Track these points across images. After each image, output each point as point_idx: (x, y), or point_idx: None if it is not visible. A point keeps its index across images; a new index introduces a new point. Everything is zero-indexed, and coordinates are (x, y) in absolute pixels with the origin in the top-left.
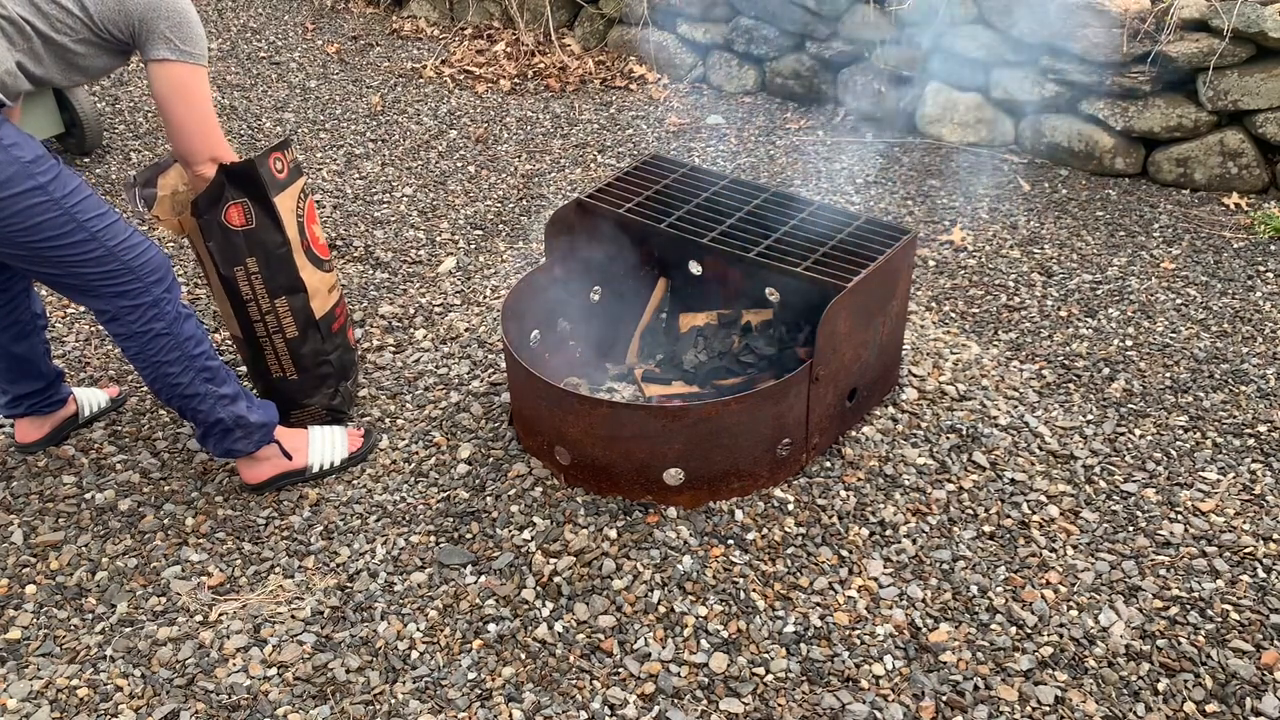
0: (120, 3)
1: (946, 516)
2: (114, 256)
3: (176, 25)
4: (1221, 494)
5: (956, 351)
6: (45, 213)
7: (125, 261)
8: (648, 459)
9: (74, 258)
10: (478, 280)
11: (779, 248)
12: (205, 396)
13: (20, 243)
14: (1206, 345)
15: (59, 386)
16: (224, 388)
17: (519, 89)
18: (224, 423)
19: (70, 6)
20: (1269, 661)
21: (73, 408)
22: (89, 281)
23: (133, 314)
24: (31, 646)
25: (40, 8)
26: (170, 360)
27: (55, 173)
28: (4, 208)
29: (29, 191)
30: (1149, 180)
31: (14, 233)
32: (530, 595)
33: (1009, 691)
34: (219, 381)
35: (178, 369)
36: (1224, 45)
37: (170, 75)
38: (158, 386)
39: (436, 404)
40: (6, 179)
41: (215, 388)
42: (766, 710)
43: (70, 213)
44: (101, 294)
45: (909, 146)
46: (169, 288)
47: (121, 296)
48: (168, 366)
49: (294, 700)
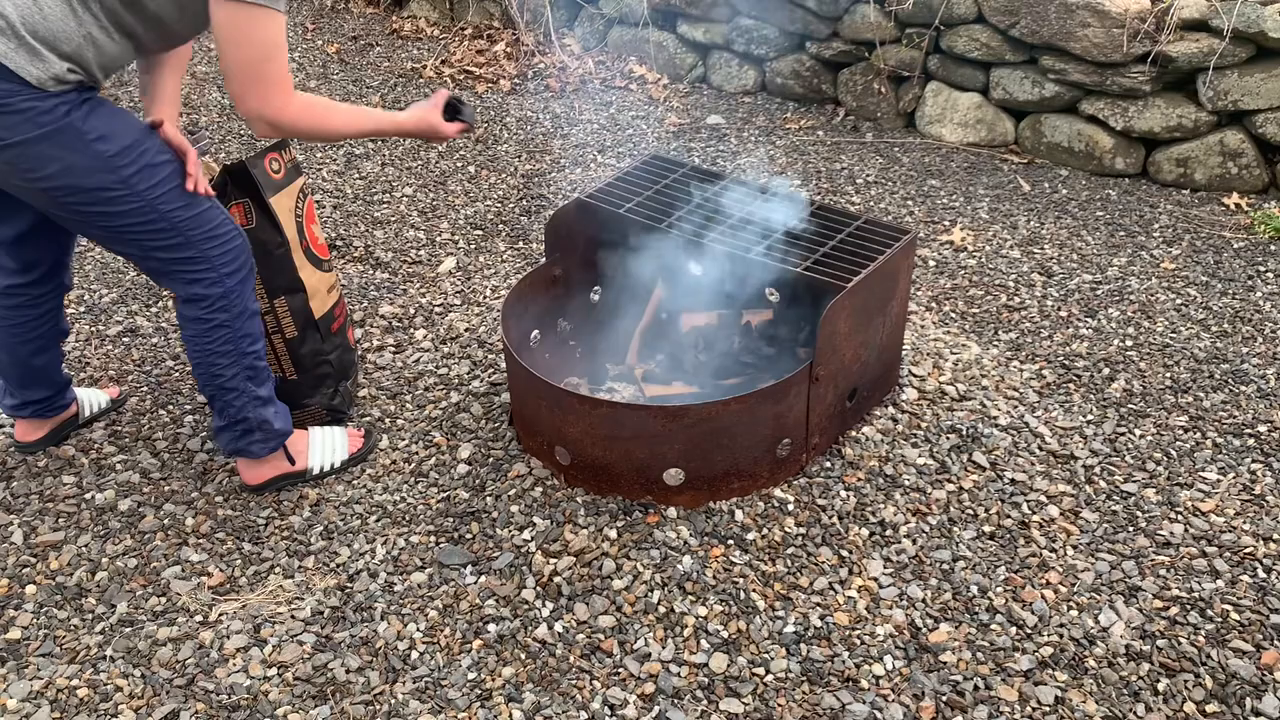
0: None
1: (946, 516)
2: (192, 245)
3: None
4: (1221, 494)
5: (956, 352)
6: (124, 203)
7: (204, 251)
8: (648, 459)
9: (152, 244)
10: (478, 280)
11: (779, 248)
12: (241, 393)
13: (100, 226)
14: (1206, 345)
15: (66, 392)
16: (261, 389)
17: (519, 89)
18: (249, 422)
19: None
20: (1269, 661)
21: (74, 409)
22: (165, 265)
23: (203, 301)
24: (31, 646)
25: None
26: (223, 352)
27: (142, 164)
28: (84, 198)
29: (108, 185)
30: (1149, 180)
31: (93, 218)
32: (530, 595)
33: (1009, 691)
34: (259, 382)
35: (226, 361)
36: (1224, 45)
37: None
38: (200, 372)
39: (436, 404)
40: (85, 171)
41: (255, 387)
42: (766, 710)
43: (152, 203)
44: (176, 278)
45: (909, 146)
46: (243, 280)
47: (195, 284)
48: (218, 357)
49: (294, 700)
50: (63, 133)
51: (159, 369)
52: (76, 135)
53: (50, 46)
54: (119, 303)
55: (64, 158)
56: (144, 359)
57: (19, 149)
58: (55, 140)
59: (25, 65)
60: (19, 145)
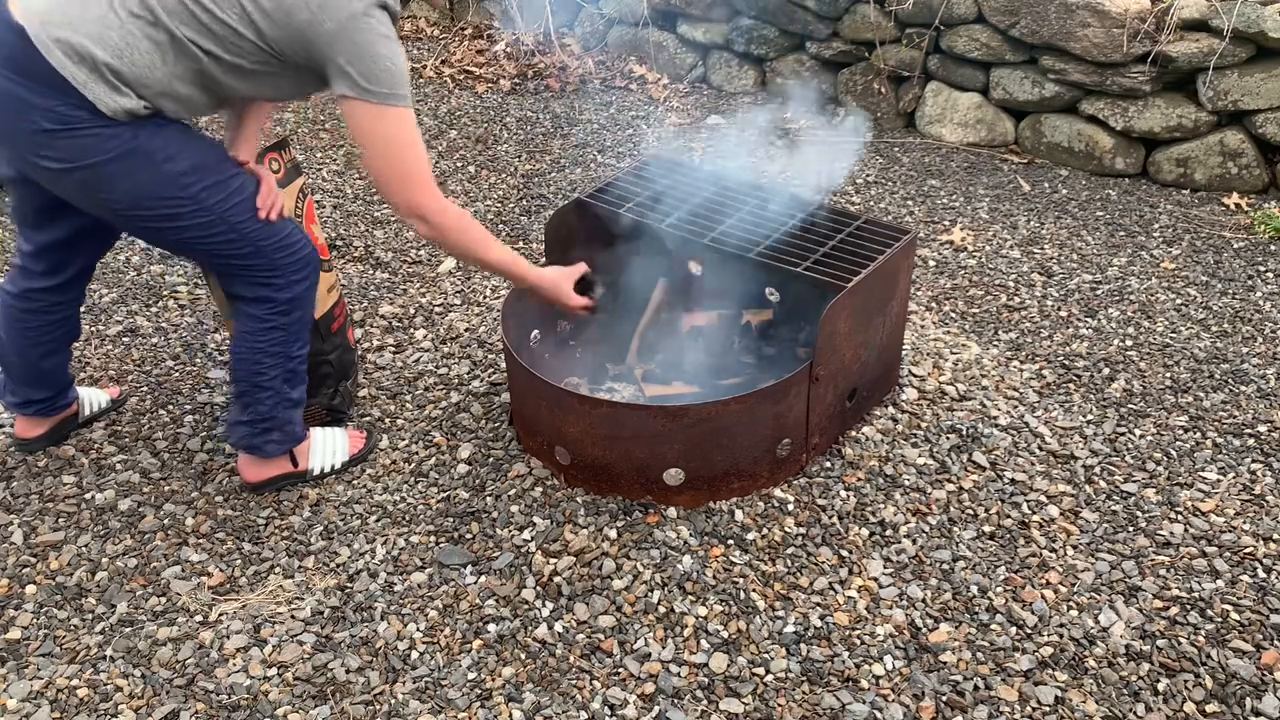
0: (298, 35)
1: (946, 516)
2: (262, 254)
3: (358, 59)
4: (1221, 494)
5: (956, 351)
6: (192, 218)
7: (275, 260)
8: (648, 459)
9: (223, 252)
10: (478, 280)
11: (779, 247)
12: (275, 393)
13: (172, 239)
14: (1206, 345)
15: (69, 392)
16: (295, 392)
17: (519, 89)
18: (274, 420)
19: (240, 28)
20: (1269, 661)
21: (74, 408)
22: (235, 271)
23: (269, 304)
24: (31, 646)
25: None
26: (272, 353)
27: (211, 180)
28: (155, 215)
29: (173, 200)
30: (1149, 180)
31: (165, 231)
32: (530, 595)
33: (1009, 691)
34: (294, 385)
35: (270, 362)
36: (1224, 45)
37: (352, 114)
38: (241, 368)
39: (436, 404)
40: (155, 190)
41: (289, 390)
42: (766, 710)
43: (223, 216)
44: (247, 283)
45: (909, 146)
46: (310, 288)
47: (265, 288)
48: (265, 356)
49: (294, 700)
50: (133, 155)
51: (159, 369)
52: (145, 156)
53: (133, 86)
54: (119, 303)
55: (134, 178)
56: (144, 359)
57: (89, 171)
58: (125, 162)
59: (103, 97)
60: (89, 168)
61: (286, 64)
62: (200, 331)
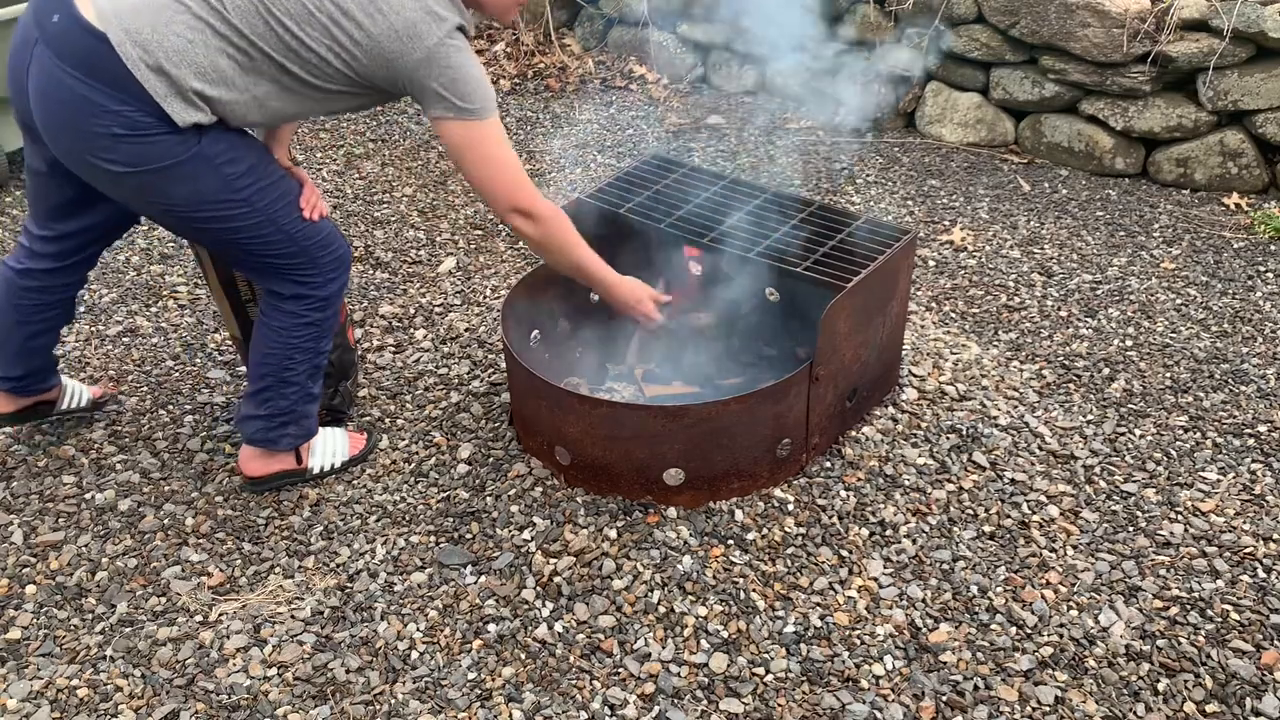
0: (387, 64)
1: (946, 516)
2: (305, 252)
3: (451, 82)
4: (1221, 494)
5: (956, 351)
6: (244, 219)
7: (314, 256)
8: (648, 459)
9: (267, 251)
10: (478, 280)
11: (779, 247)
12: (300, 388)
13: (217, 239)
14: (1206, 345)
15: (49, 374)
16: (316, 387)
17: (519, 89)
18: (293, 414)
19: (328, 56)
20: (1269, 661)
21: (54, 394)
22: (276, 268)
23: (307, 300)
24: (31, 646)
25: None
26: (304, 348)
27: (263, 182)
28: (207, 216)
29: (228, 202)
30: (1149, 180)
31: (213, 231)
32: (530, 595)
33: (1009, 691)
34: (316, 379)
35: (302, 356)
36: (1224, 45)
37: (451, 133)
38: (271, 362)
39: (436, 404)
40: (212, 193)
41: (312, 385)
42: (766, 710)
43: (271, 217)
44: (286, 280)
45: (909, 146)
46: (343, 285)
47: (303, 285)
48: (296, 351)
49: (294, 700)
50: (194, 160)
51: (159, 369)
52: (206, 161)
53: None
54: (119, 303)
55: (194, 182)
56: (144, 359)
57: (150, 175)
58: (187, 167)
59: (179, 111)
60: (154, 172)
61: (366, 87)
62: (200, 331)
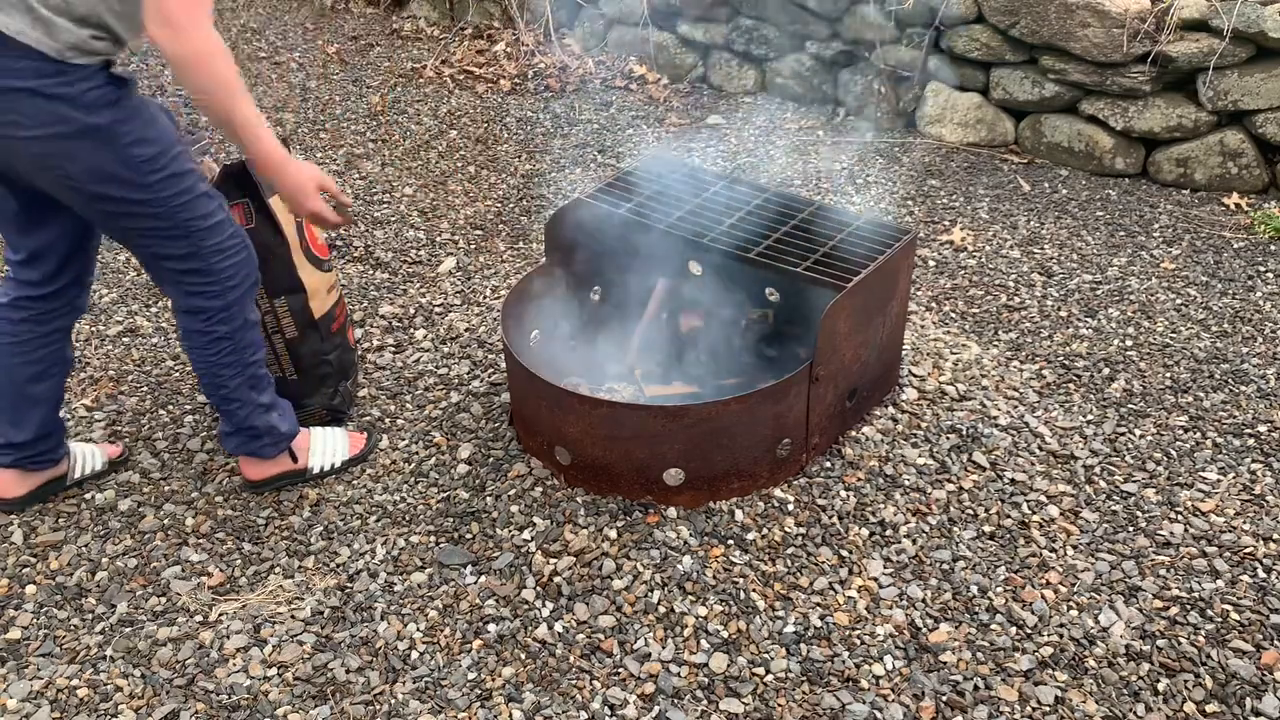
0: None
1: (946, 516)
2: (199, 257)
3: None
4: (1221, 494)
5: (956, 351)
6: (147, 208)
7: (210, 263)
8: (648, 459)
9: (163, 250)
10: (478, 280)
11: (779, 248)
12: (245, 403)
13: (121, 227)
14: (1206, 345)
15: (57, 444)
16: (263, 396)
17: (519, 89)
18: (256, 429)
19: None
20: (1269, 661)
21: (63, 467)
22: (171, 273)
23: (203, 314)
24: (31, 646)
25: None
26: (228, 364)
27: (169, 171)
28: (109, 199)
29: (135, 188)
30: (1149, 180)
31: (116, 217)
32: (530, 595)
33: (1009, 691)
34: (261, 389)
35: (230, 372)
36: (1224, 45)
37: None
38: (205, 382)
39: (436, 404)
40: (114, 173)
41: (257, 395)
42: (766, 710)
43: (172, 210)
44: (180, 287)
45: (909, 146)
46: (245, 294)
47: (197, 296)
48: (222, 369)
49: (294, 700)
50: (99, 132)
51: (159, 369)
52: (112, 137)
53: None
54: (119, 303)
55: (96, 158)
56: (144, 359)
57: (51, 143)
58: (90, 139)
59: (44, 39)
60: (51, 140)
61: None
62: None
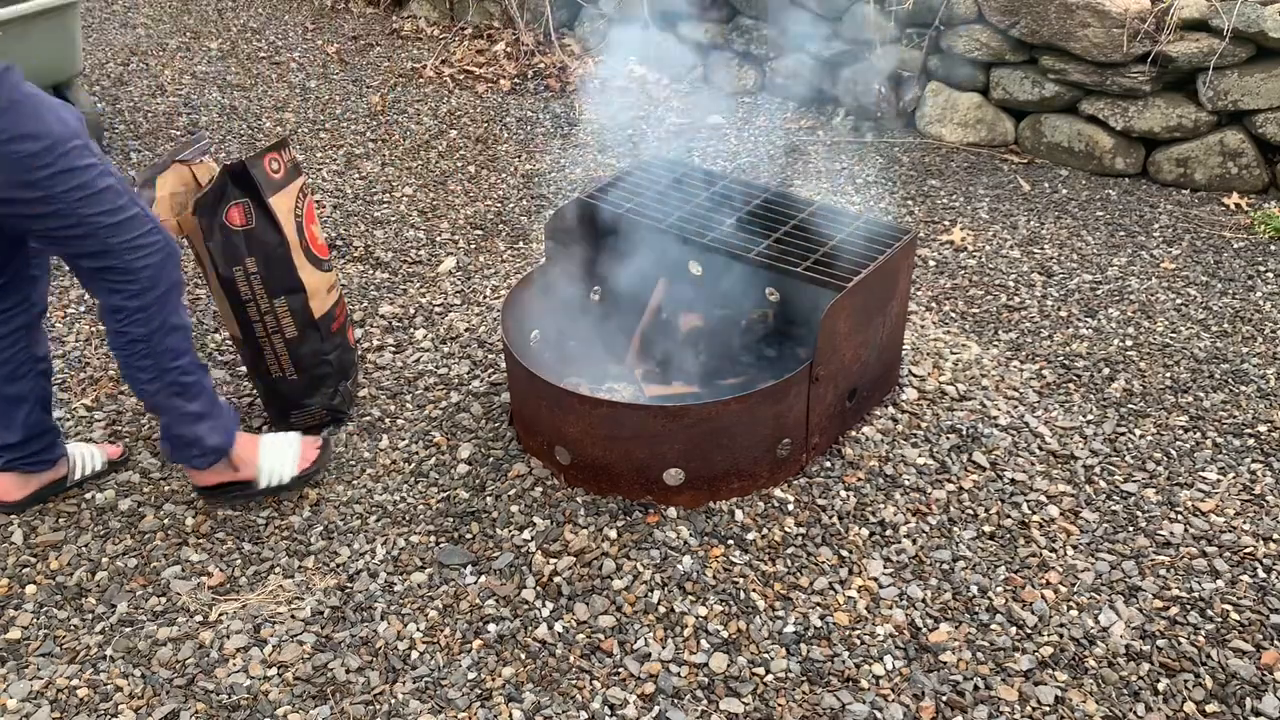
0: None
1: (946, 516)
2: (113, 254)
3: None
4: (1221, 494)
5: (956, 351)
6: (43, 205)
7: (126, 261)
8: (648, 459)
9: (75, 250)
10: (478, 280)
11: (779, 248)
12: (169, 410)
13: (27, 228)
14: (1206, 345)
15: (52, 445)
16: (193, 404)
17: (519, 89)
18: (183, 438)
19: None
20: (1269, 661)
21: (63, 470)
22: (89, 272)
23: (120, 313)
24: (31, 646)
25: None
26: (143, 367)
27: (60, 166)
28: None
29: (25, 187)
30: (1149, 180)
31: (24, 220)
32: (530, 595)
33: (1009, 691)
34: (189, 397)
35: (147, 376)
36: (1224, 45)
37: None
38: (129, 384)
39: (436, 404)
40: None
41: (184, 403)
42: (766, 710)
43: (72, 207)
44: (98, 286)
45: (909, 146)
46: (164, 295)
47: (115, 294)
48: (139, 371)
49: (294, 700)
50: None
51: None
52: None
53: None
54: None
55: None
56: None
57: None
58: None
59: None
60: None
61: None
62: (200, 331)
